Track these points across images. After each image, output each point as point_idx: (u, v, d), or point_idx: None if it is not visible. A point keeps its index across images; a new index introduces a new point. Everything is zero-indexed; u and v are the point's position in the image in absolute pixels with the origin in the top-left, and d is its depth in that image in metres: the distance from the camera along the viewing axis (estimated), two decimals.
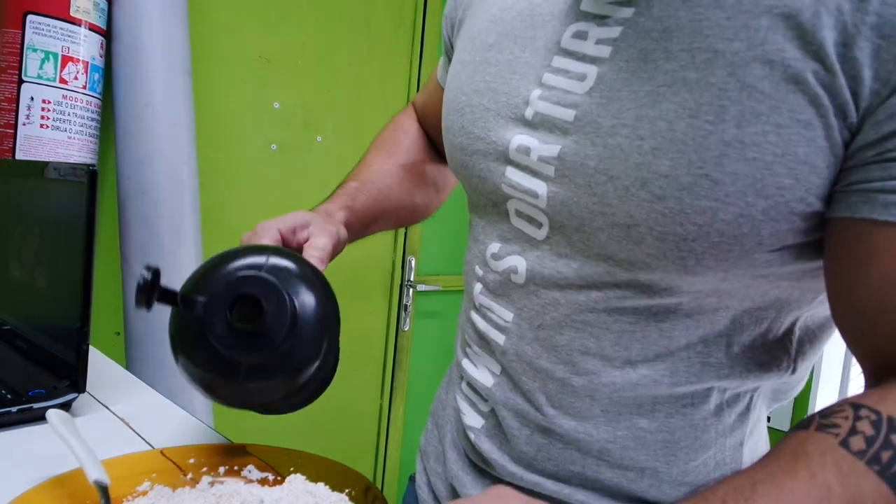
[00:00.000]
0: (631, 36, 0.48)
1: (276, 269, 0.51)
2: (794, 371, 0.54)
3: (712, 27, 0.44)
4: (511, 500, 0.40)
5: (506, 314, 0.57)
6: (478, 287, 0.60)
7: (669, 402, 0.52)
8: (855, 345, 0.47)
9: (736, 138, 0.43)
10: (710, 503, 0.38)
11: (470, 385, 0.62)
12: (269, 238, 0.60)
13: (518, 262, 0.55)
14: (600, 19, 0.50)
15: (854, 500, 0.36)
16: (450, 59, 0.73)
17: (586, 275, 0.51)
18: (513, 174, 0.54)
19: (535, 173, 0.52)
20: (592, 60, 0.49)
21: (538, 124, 0.52)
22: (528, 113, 0.53)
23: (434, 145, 0.85)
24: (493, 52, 0.58)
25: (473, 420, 0.61)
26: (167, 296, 0.48)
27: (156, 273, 0.46)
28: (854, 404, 0.41)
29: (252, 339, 0.49)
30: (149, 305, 0.46)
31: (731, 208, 0.43)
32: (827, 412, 0.42)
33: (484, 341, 0.60)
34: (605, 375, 0.52)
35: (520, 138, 0.53)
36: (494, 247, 0.57)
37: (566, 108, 0.50)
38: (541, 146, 0.51)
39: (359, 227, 0.72)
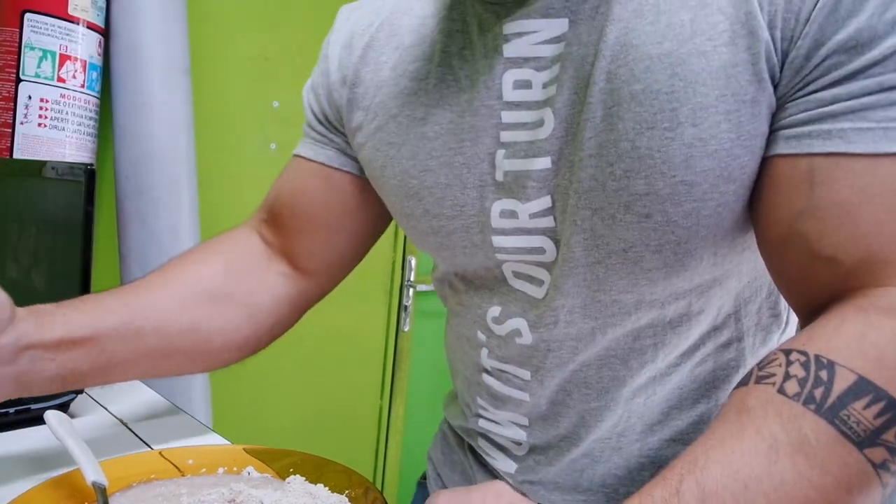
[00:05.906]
0: (568, 68, 0.47)
1: None
2: (787, 324, 0.56)
3: (639, 35, 0.44)
4: (504, 495, 0.41)
5: (523, 373, 0.55)
6: (484, 352, 0.58)
7: (697, 394, 0.54)
8: (783, 283, 0.46)
9: (695, 136, 0.43)
10: (670, 481, 0.37)
11: (493, 441, 0.61)
12: None
13: (520, 325, 0.54)
14: (534, 61, 0.49)
15: (798, 443, 0.36)
16: (325, 139, 0.65)
17: (592, 316, 0.51)
18: (502, 241, 0.52)
19: (529, 232, 0.51)
20: (543, 104, 0.48)
21: (511, 183, 0.50)
22: (499, 175, 0.51)
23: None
24: (427, 126, 0.54)
25: (505, 465, 0.60)
26: None
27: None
28: (785, 350, 0.41)
29: None
30: None
31: (709, 203, 0.44)
32: (763, 363, 0.42)
33: (502, 402, 0.58)
34: (640, 393, 0.53)
35: (500, 203, 0.51)
36: (495, 310, 0.56)
37: (539, 157, 0.49)
38: (526, 205, 0.50)
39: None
